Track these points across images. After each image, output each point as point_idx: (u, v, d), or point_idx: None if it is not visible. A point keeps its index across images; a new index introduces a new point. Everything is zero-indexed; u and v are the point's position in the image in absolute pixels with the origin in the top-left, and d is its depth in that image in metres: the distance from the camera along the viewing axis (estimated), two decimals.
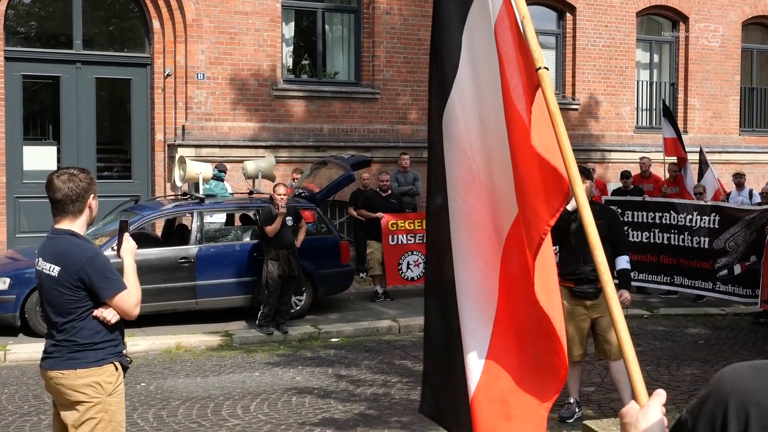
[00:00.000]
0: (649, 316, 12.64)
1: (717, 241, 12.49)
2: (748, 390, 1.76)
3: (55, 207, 4.57)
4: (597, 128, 19.42)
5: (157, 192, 15.58)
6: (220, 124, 15.80)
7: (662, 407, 2.07)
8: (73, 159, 15.12)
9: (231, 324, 11.78)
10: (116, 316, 4.55)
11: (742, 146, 21.09)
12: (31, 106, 15.89)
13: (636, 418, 2.06)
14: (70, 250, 4.51)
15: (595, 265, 2.85)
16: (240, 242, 12.44)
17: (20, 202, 14.89)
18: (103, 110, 16.34)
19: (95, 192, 4.65)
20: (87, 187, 4.57)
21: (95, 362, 4.53)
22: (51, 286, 4.53)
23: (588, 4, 19.19)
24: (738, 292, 12.40)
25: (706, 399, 1.82)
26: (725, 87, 20.92)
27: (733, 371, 1.82)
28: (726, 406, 1.76)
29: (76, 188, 4.53)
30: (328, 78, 17.44)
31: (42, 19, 16.35)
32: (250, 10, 15.92)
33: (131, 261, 4.69)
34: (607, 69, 19.44)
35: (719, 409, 1.77)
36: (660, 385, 8.69)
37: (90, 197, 4.60)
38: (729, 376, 1.81)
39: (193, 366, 9.97)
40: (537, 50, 3.28)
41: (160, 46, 15.73)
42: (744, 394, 1.75)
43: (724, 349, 10.75)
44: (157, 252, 11.69)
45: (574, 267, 7.43)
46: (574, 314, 7.58)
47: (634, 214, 13.50)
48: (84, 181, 4.57)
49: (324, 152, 16.04)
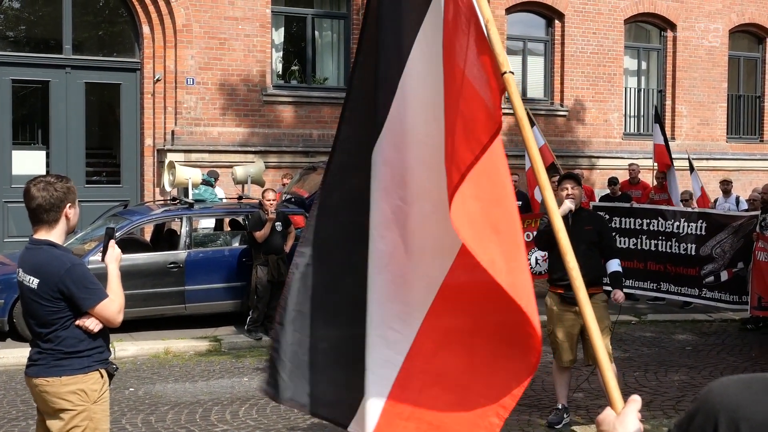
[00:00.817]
0: (636, 322, 12.69)
1: (704, 248, 12.55)
2: (737, 405, 1.74)
3: (31, 216, 4.52)
4: (585, 134, 19.50)
5: (146, 197, 15.58)
6: (209, 129, 15.81)
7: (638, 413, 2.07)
8: (62, 163, 15.11)
9: (220, 329, 11.77)
10: (99, 325, 4.52)
11: (729, 153, 21.22)
12: (20, 111, 15.88)
13: (613, 426, 2.06)
14: (49, 261, 4.46)
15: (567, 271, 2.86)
16: (229, 247, 12.43)
17: (9, 207, 14.87)
18: (92, 115, 16.34)
19: (73, 201, 4.55)
20: (62, 197, 4.48)
21: (80, 369, 4.51)
22: (31, 298, 4.50)
23: (576, 11, 19.29)
24: (724, 298, 12.46)
25: (695, 414, 1.80)
26: (712, 94, 21.05)
27: (722, 386, 1.80)
28: (716, 422, 1.74)
29: (50, 197, 4.46)
30: (317, 83, 17.47)
31: (32, 24, 16.34)
32: (240, 16, 15.95)
33: (115, 269, 4.67)
34: (595, 76, 19.54)
35: (709, 424, 1.75)
36: (647, 391, 8.75)
37: (66, 206, 4.50)
38: (717, 391, 1.79)
39: (182, 371, 9.97)
40: (502, 54, 3.25)
41: (149, 51, 15.73)
42: (734, 410, 1.73)
43: (712, 355, 10.80)
44: (146, 257, 11.68)
45: (564, 273, 7.45)
46: (564, 320, 7.62)
47: (622, 220, 13.56)
48: (60, 190, 4.48)
49: (313, 158, 16.06)
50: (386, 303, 3.54)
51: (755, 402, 1.74)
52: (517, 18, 18.98)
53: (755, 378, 1.80)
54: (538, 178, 3.07)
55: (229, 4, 15.87)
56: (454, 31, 3.32)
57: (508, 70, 3.23)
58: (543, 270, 13.61)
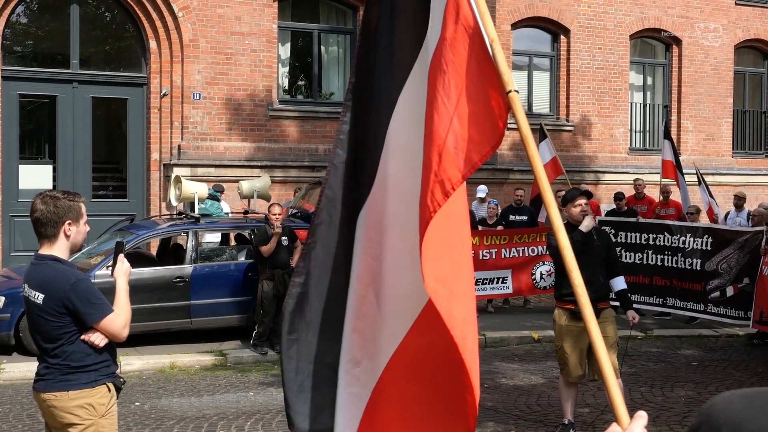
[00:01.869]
0: (642, 337, 12.66)
1: (709, 263, 12.54)
2: (740, 420, 1.73)
3: (34, 228, 4.54)
4: (591, 150, 19.52)
5: (152, 211, 15.61)
6: (215, 144, 15.85)
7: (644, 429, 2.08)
8: (69, 178, 15.16)
9: (225, 343, 11.77)
10: (104, 340, 4.52)
11: (734, 168, 21.21)
12: (27, 125, 15.96)
13: None
14: (53, 277, 4.46)
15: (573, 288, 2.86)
16: (235, 262, 12.44)
17: (15, 221, 14.90)
18: (99, 129, 16.39)
19: (74, 219, 4.51)
20: (62, 213, 4.47)
21: (88, 384, 4.52)
22: (37, 314, 4.51)
23: (582, 26, 19.34)
24: (730, 313, 12.43)
25: (698, 428, 1.79)
26: (718, 109, 21.07)
27: (724, 401, 1.80)
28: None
29: (48, 212, 4.46)
30: (323, 98, 17.53)
31: (39, 39, 16.43)
32: (246, 31, 16.02)
33: (124, 283, 4.68)
34: (600, 91, 19.57)
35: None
36: (654, 406, 8.73)
37: (64, 223, 4.48)
38: (720, 406, 1.79)
39: (188, 385, 9.97)
40: (507, 73, 3.27)
41: (156, 66, 15.80)
42: (736, 424, 1.72)
43: (718, 370, 10.77)
44: (152, 271, 11.69)
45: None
46: (572, 335, 7.62)
47: (628, 235, 13.55)
48: (59, 206, 4.47)
49: (319, 172, 16.08)
50: (353, 353, 3.62)
51: (758, 417, 1.73)
52: (523, 33, 19.03)
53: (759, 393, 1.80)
54: (543, 196, 3.08)
55: (235, 20, 15.95)
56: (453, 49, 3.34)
57: (513, 89, 3.25)
58: (548, 285, 13.62)
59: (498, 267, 13.83)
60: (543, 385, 9.89)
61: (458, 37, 3.33)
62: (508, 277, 13.95)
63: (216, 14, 15.81)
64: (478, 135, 3.27)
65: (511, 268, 13.94)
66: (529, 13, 18.72)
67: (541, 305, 14.48)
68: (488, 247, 13.78)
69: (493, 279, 13.82)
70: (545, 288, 13.89)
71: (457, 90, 3.29)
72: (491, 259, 13.76)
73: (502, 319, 13.53)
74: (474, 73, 3.30)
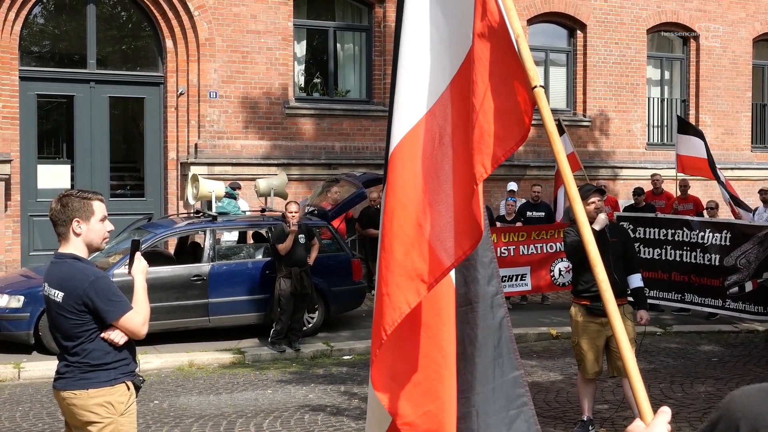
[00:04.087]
0: (662, 333, 12.61)
1: (728, 259, 12.47)
2: (758, 413, 1.74)
3: (53, 227, 4.60)
4: (608, 145, 19.43)
5: (169, 210, 15.66)
6: (232, 143, 15.89)
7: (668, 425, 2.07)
8: (87, 177, 15.23)
9: (243, 341, 11.80)
10: (124, 338, 4.54)
11: (754, 163, 21.06)
12: (45, 125, 16.03)
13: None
14: (72, 275, 4.49)
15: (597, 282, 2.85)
16: (252, 260, 12.47)
17: (34, 221, 14.98)
18: (116, 129, 16.45)
19: (83, 217, 4.51)
20: (70, 212, 4.49)
21: (107, 382, 4.54)
22: (57, 312, 4.53)
23: (598, 21, 19.24)
24: (749, 309, 12.36)
25: (717, 422, 1.81)
26: (736, 103, 20.92)
27: (743, 394, 1.81)
28: (737, 430, 1.75)
29: (58, 211, 4.51)
30: (339, 96, 17.53)
31: (56, 39, 16.50)
32: (262, 29, 16.03)
33: (142, 280, 4.69)
34: (618, 86, 19.47)
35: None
36: (673, 402, 8.68)
37: (72, 222, 4.50)
38: (739, 400, 1.80)
39: (206, 383, 10.00)
40: (532, 69, 3.28)
41: (173, 65, 15.84)
42: (754, 418, 1.74)
43: (738, 366, 10.70)
44: (170, 270, 11.74)
45: (590, 284, 7.43)
46: (589, 331, 7.60)
47: (646, 230, 13.49)
48: (70, 205, 4.50)
49: (336, 170, 16.09)
50: None
51: None
52: (539, 29, 18.96)
53: None
54: (568, 191, 3.10)
55: (251, 18, 15.96)
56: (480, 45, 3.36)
57: (539, 84, 3.26)
58: (566, 281, 13.57)
59: (517, 264, 13.80)
60: (561, 382, 9.86)
61: (485, 33, 3.34)
62: (527, 274, 13.91)
63: (232, 13, 15.83)
64: (502, 131, 3.30)
65: (529, 265, 13.91)
66: (545, 8, 18.65)
67: (559, 302, 14.44)
68: (506, 244, 13.75)
69: (512, 276, 13.78)
70: (564, 285, 13.84)
71: (483, 85, 3.31)
72: (509, 256, 13.73)
73: (520, 316, 13.50)
74: (500, 69, 3.32)
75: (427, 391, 3.53)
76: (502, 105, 3.30)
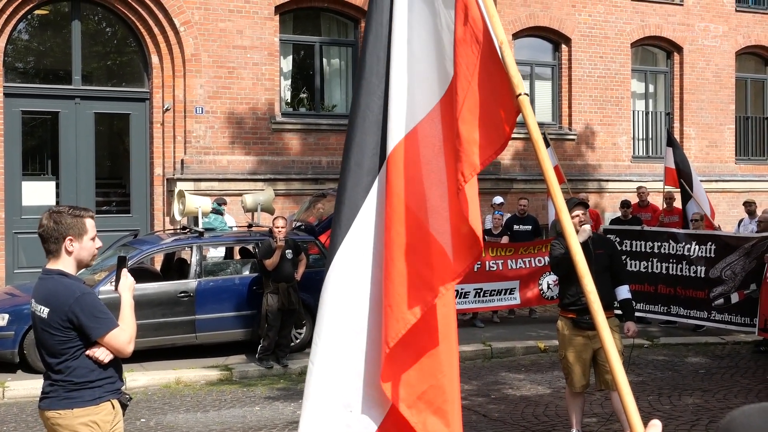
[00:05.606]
0: (649, 346, 12.62)
1: (713, 270, 12.52)
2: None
3: (41, 243, 4.55)
4: (594, 158, 19.50)
5: (156, 226, 15.60)
6: (218, 158, 15.86)
7: None
8: (72, 194, 15.17)
9: (231, 358, 11.74)
10: (109, 356, 4.49)
11: (738, 175, 21.19)
12: (30, 142, 15.95)
13: None
14: (58, 291, 4.45)
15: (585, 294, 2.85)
16: (239, 276, 12.42)
17: (19, 238, 14.90)
18: (102, 145, 16.41)
19: (76, 235, 4.49)
20: (63, 229, 4.45)
21: (92, 401, 4.48)
22: (42, 328, 4.49)
23: (583, 35, 19.35)
24: (735, 320, 12.40)
25: None
26: (720, 116, 21.05)
27: (743, 415, 1.79)
28: None
29: (50, 228, 4.46)
30: (325, 111, 17.53)
31: (41, 55, 16.45)
32: (248, 45, 16.04)
33: (129, 297, 4.65)
34: (603, 99, 19.57)
35: None
36: (662, 415, 8.68)
37: (65, 239, 4.47)
38: (739, 420, 1.77)
39: (193, 401, 9.94)
40: (516, 76, 3.25)
41: (158, 80, 15.82)
42: None
43: (725, 378, 10.72)
44: (157, 286, 11.68)
45: (576, 298, 7.43)
46: (576, 344, 7.58)
47: (633, 243, 13.53)
48: (63, 223, 4.46)
49: (322, 185, 16.09)
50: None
51: None
52: (525, 43, 19.05)
53: None
54: (554, 201, 3.08)
55: (237, 33, 15.97)
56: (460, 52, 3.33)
57: (522, 92, 3.23)
58: (555, 295, 13.57)
59: (505, 278, 13.80)
60: (550, 396, 9.85)
61: (467, 40, 3.32)
62: (516, 288, 13.91)
63: (218, 28, 15.83)
64: (482, 138, 3.27)
65: (518, 279, 13.91)
66: (530, 22, 18.74)
67: (547, 315, 14.44)
68: (494, 258, 13.75)
69: (501, 290, 13.78)
70: (552, 298, 13.84)
71: (462, 92, 3.29)
72: (498, 270, 13.73)
73: (508, 330, 13.49)
74: (481, 76, 3.29)
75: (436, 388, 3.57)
76: (483, 113, 3.28)
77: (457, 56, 3.33)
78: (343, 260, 3.62)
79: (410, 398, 3.51)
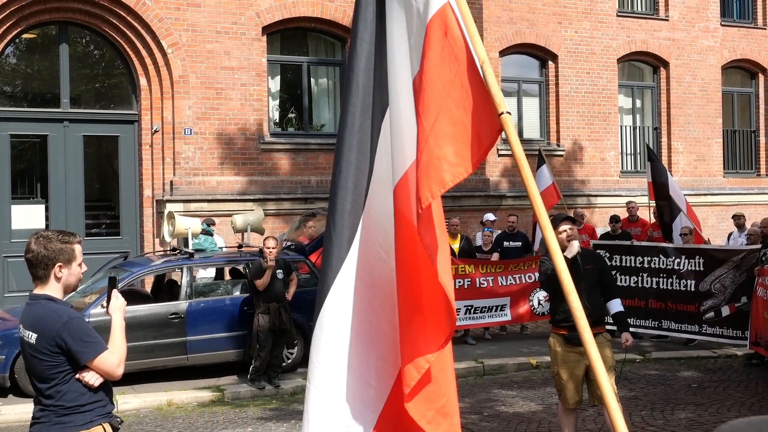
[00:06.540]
0: (641, 360, 12.62)
1: (703, 284, 12.55)
2: None
3: (28, 269, 4.53)
4: (582, 173, 19.57)
5: (146, 248, 15.57)
6: (208, 179, 15.85)
7: None
8: (62, 217, 15.13)
9: (222, 378, 11.70)
10: (99, 379, 4.46)
11: (726, 188, 21.28)
12: (18, 165, 15.92)
13: None
14: (46, 316, 4.42)
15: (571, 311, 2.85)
16: (230, 296, 12.39)
17: (8, 261, 14.85)
18: (90, 167, 16.38)
19: (66, 261, 4.48)
20: (52, 255, 4.44)
21: (83, 425, 4.44)
22: (31, 354, 4.46)
23: (569, 51, 19.45)
24: (726, 333, 12.43)
25: None
26: (707, 130, 21.17)
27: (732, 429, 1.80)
28: None
29: (39, 254, 4.44)
30: (314, 130, 17.56)
31: (29, 78, 16.45)
32: (236, 66, 16.07)
33: (120, 318, 4.63)
34: (590, 115, 19.66)
35: None
36: (655, 430, 8.68)
37: (55, 266, 4.45)
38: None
39: (185, 423, 9.89)
40: (498, 95, 3.25)
41: (147, 102, 15.83)
42: None
43: (718, 391, 10.72)
44: (147, 308, 11.64)
45: (567, 314, 7.41)
46: (568, 361, 7.56)
47: (623, 258, 13.56)
48: (52, 249, 4.44)
49: (312, 204, 16.09)
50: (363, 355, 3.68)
51: None
52: (512, 59, 19.13)
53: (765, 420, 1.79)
54: (538, 218, 3.09)
55: (225, 54, 16.00)
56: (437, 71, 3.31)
57: (505, 111, 3.23)
58: (546, 311, 13.58)
59: (496, 295, 13.79)
60: (542, 412, 9.83)
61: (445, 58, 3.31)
62: (507, 305, 13.91)
63: (205, 50, 15.86)
64: (454, 156, 3.24)
65: (509, 296, 13.90)
66: (516, 39, 18.84)
67: (538, 331, 14.44)
68: (484, 275, 13.75)
69: (491, 307, 13.78)
70: (543, 314, 13.85)
71: (436, 109, 3.26)
72: (488, 286, 13.72)
73: (500, 346, 13.48)
74: (457, 95, 3.27)
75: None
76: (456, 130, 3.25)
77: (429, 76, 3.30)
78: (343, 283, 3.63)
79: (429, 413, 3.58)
